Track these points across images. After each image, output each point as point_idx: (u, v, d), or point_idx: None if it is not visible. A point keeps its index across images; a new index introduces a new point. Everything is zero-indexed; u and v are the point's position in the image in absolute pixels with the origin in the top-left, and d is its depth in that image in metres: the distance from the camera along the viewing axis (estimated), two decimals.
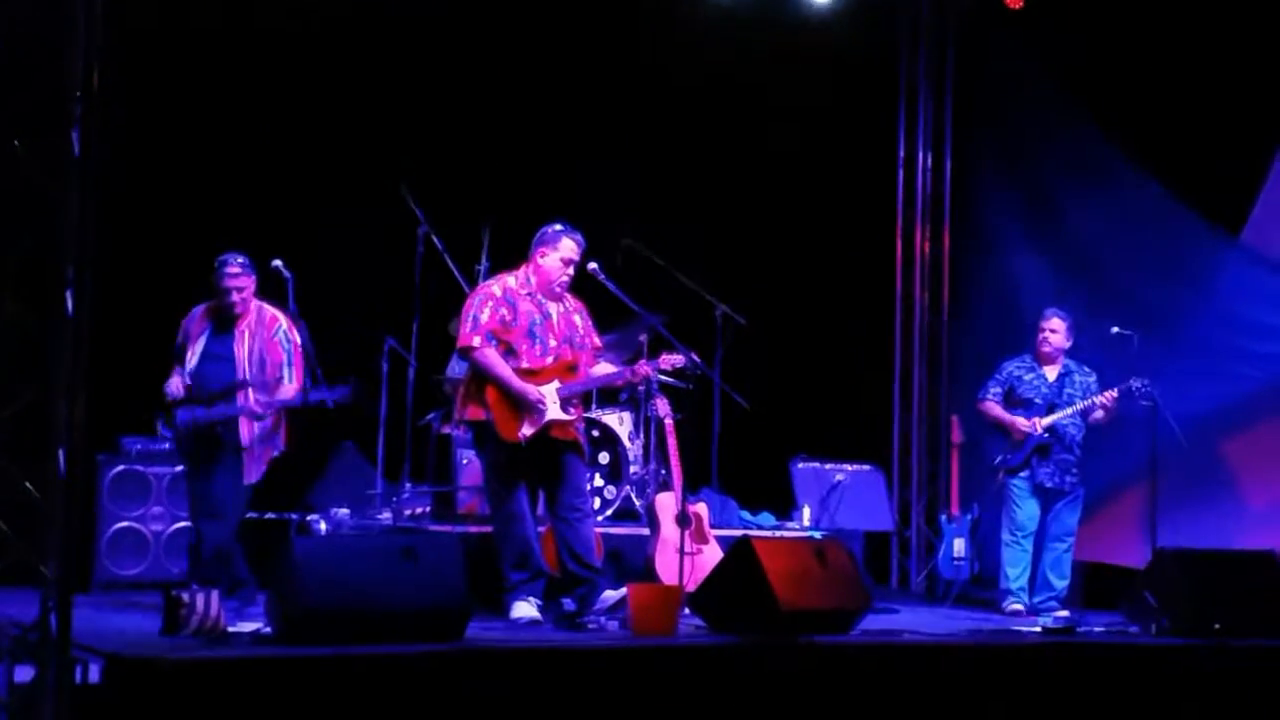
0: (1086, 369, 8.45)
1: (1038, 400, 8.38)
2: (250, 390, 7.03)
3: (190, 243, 7.95)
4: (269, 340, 7.12)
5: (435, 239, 8.69)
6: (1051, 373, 8.44)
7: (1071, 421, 8.32)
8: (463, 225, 8.82)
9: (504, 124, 9.59)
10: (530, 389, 6.75)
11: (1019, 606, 8.19)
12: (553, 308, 6.97)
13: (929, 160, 10.77)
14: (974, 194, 10.54)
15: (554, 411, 6.77)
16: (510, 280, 6.97)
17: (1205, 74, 9.15)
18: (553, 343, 6.91)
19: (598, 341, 7.21)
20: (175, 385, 7.15)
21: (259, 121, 8.96)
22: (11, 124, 5.02)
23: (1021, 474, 8.35)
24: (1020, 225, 10.10)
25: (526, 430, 6.75)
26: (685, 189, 10.06)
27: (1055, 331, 8.42)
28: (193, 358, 7.13)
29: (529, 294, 6.93)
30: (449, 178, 9.20)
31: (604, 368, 7.22)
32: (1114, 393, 8.20)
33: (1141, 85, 9.33)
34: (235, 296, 7.08)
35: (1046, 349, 8.44)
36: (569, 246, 6.92)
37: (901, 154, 10.78)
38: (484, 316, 6.83)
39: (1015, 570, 8.31)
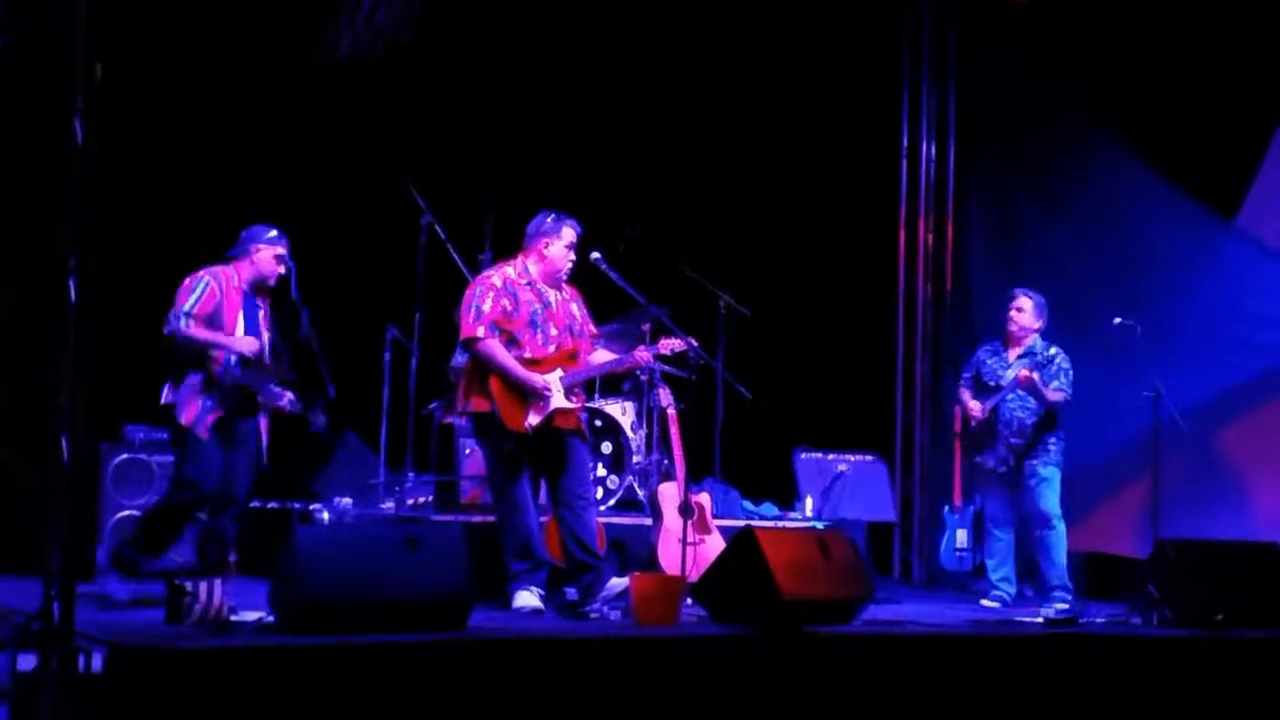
0: (1052, 349, 8.19)
1: (991, 384, 8.22)
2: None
3: (192, 230, 7.94)
4: (276, 327, 7.05)
5: (438, 228, 8.70)
6: (1014, 355, 8.25)
7: (1020, 404, 8.13)
8: (466, 214, 8.82)
9: (507, 112, 9.58)
10: (535, 378, 6.75)
11: (989, 604, 8.02)
12: (552, 296, 6.97)
13: (932, 150, 10.73)
14: (977, 183, 10.52)
15: (559, 400, 6.78)
16: (509, 270, 6.96)
17: (1203, 60, 9.12)
18: (554, 331, 6.91)
19: (594, 329, 7.21)
20: (255, 344, 6.72)
21: (261, 110, 8.95)
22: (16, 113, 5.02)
23: (978, 459, 8.25)
24: (1022, 214, 10.08)
25: (533, 419, 6.75)
26: (688, 178, 10.05)
27: (1021, 310, 8.21)
28: (238, 329, 6.78)
29: (529, 284, 6.92)
30: (452, 167, 9.20)
31: (603, 355, 7.20)
32: (1025, 371, 8.02)
33: (1141, 72, 9.29)
34: (283, 270, 6.87)
35: (1013, 328, 8.25)
36: (569, 233, 6.94)
37: (905, 144, 10.74)
38: (486, 307, 6.82)
39: (993, 561, 8.19)
